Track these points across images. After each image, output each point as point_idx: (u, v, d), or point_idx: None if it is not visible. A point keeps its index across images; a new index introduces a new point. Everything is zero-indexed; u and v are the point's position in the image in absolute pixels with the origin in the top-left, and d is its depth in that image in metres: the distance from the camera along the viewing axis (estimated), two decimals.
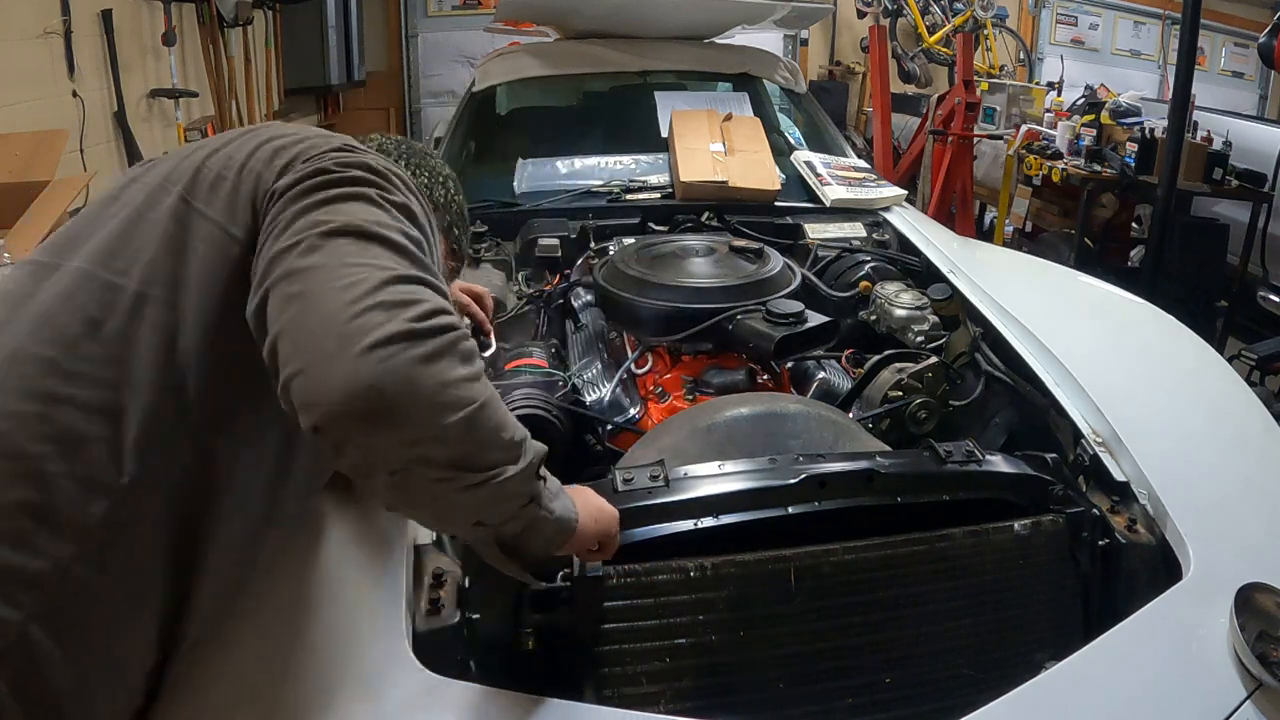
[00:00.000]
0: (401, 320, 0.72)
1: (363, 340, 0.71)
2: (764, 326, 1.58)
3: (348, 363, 0.70)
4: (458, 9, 6.84)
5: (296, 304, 0.74)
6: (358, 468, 0.75)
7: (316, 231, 0.79)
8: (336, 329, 0.72)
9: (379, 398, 0.70)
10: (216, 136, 0.98)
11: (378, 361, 0.70)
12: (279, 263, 0.78)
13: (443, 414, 0.73)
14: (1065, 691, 1.03)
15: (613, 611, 1.08)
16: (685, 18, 3.16)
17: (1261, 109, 8.05)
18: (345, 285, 0.74)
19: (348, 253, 0.77)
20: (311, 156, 0.88)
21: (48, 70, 3.33)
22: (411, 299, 0.75)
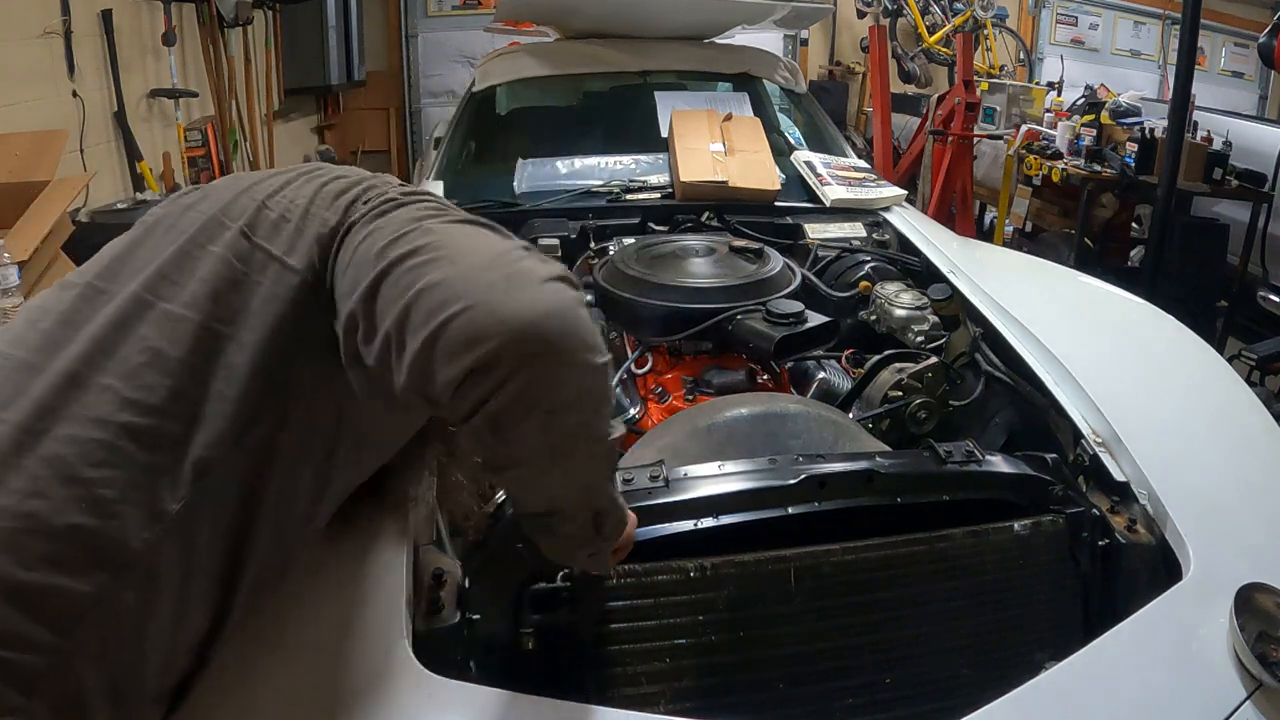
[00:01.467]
0: (557, 267, 0.77)
1: (535, 275, 0.75)
2: (764, 326, 1.58)
3: (527, 290, 0.73)
4: (458, 9, 6.83)
5: (437, 265, 0.75)
6: (514, 407, 0.73)
7: (422, 221, 0.81)
8: (502, 269, 0.75)
9: (559, 325, 0.72)
10: (271, 173, 0.97)
11: (553, 293, 0.74)
12: (388, 251, 0.79)
13: (597, 354, 0.76)
14: (1065, 691, 1.03)
15: (613, 611, 1.08)
16: (685, 18, 3.16)
17: (1261, 109, 8.05)
18: (486, 243, 0.78)
19: (464, 230, 0.81)
20: (376, 192, 0.90)
21: (48, 70, 3.33)
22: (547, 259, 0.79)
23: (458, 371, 0.71)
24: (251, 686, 0.93)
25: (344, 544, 1.07)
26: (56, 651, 0.70)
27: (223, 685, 0.92)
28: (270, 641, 0.97)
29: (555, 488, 0.83)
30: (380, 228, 0.83)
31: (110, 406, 0.77)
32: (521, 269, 0.75)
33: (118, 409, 0.77)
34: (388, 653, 0.96)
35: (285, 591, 1.00)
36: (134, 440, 0.77)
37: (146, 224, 0.93)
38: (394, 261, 0.77)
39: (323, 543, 1.06)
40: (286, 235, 0.88)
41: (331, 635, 0.98)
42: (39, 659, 0.69)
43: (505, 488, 0.90)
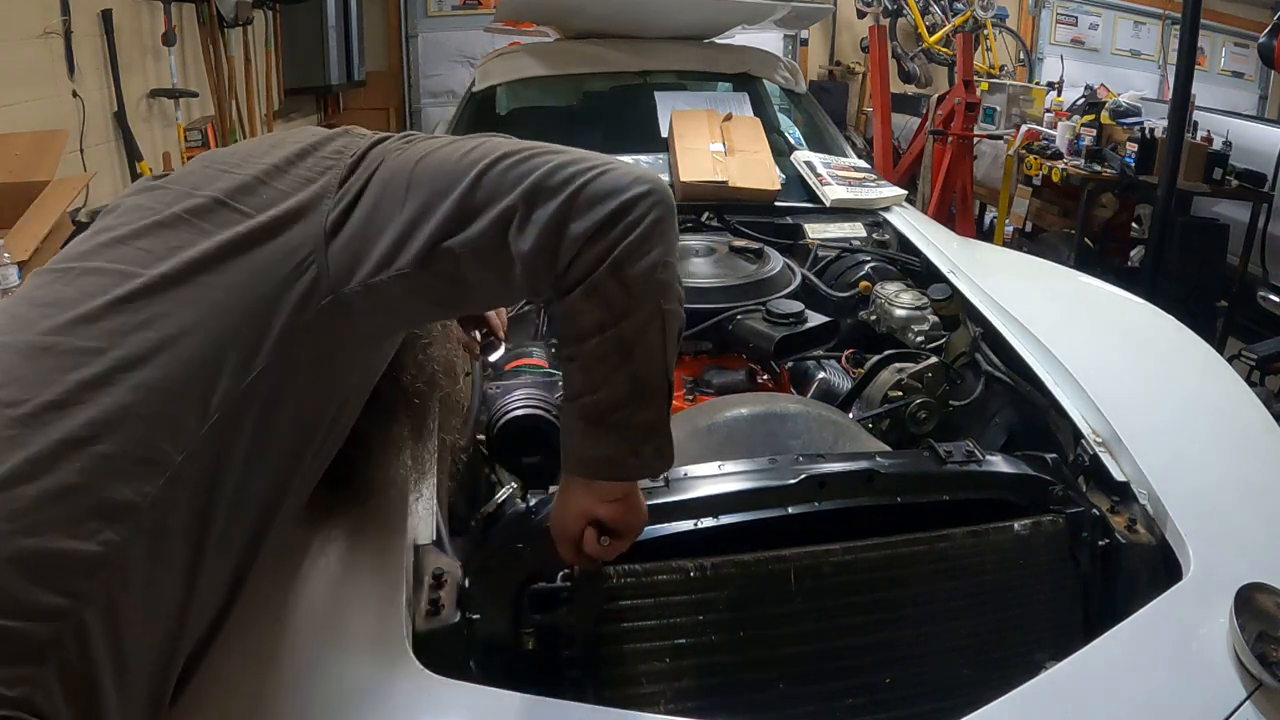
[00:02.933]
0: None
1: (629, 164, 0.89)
2: (764, 326, 1.58)
3: (635, 170, 0.88)
4: (458, 9, 6.83)
5: (548, 156, 0.87)
6: (642, 245, 0.85)
7: (474, 137, 0.91)
8: (603, 157, 0.90)
9: (667, 190, 0.89)
10: (233, 150, 0.98)
11: (656, 174, 0.90)
12: (474, 155, 0.88)
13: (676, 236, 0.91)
14: (1065, 691, 1.03)
15: (613, 611, 1.08)
16: (685, 18, 3.16)
17: (1261, 109, 8.05)
18: (561, 148, 0.91)
19: (522, 141, 0.93)
20: (369, 139, 0.94)
21: (48, 70, 3.33)
22: None
23: (601, 215, 0.83)
24: (252, 686, 0.93)
25: (343, 544, 1.07)
26: (64, 616, 0.69)
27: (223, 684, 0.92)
28: (270, 641, 0.97)
29: (650, 358, 0.89)
30: (437, 148, 0.90)
31: (96, 366, 0.76)
32: (616, 160, 0.90)
33: (105, 367, 0.76)
34: (388, 653, 0.96)
35: (285, 591, 1.00)
36: (125, 394, 0.76)
37: (113, 209, 0.92)
38: (493, 161, 0.87)
39: (322, 543, 1.06)
40: (262, 194, 0.89)
41: (331, 635, 0.98)
42: (48, 626, 0.68)
43: (592, 366, 0.91)
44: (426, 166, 0.88)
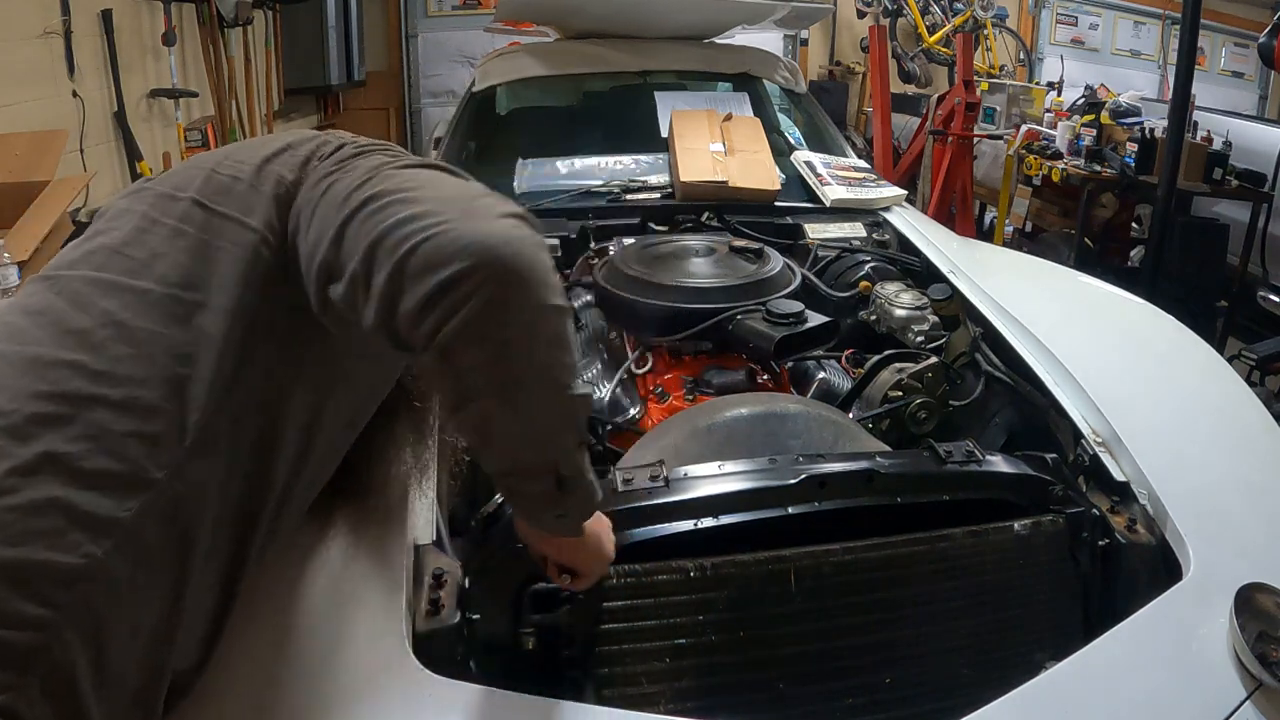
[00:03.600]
0: (516, 207, 0.81)
1: (495, 209, 0.79)
2: (764, 326, 1.58)
3: (485, 222, 0.77)
4: (458, 9, 6.83)
5: (401, 204, 0.79)
6: (467, 330, 0.74)
7: (381, 168, 0.84)
8: (461, 205, 0.79)
9: (514, 255, 0.75)
10: (220, 149, 0.99)
11: (511, 226, 0.78)
12: (352, 198, 0.81)
13: (551, 295, 0.78)
14: (1065, 691, 1.03)
15: (613, 611, 1.08)
16: (685, 18, 3.16)
17: (1261, 109, 8.05)
18: (446, 184, 0.83)
19: (424, 174, 0.84)
20: (330, 146, 0.91)
21: (48, 70, 3.33)
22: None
23: (422, 294, 0.74)
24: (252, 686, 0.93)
25: (343, 544, 1.07)
26: (46, 626, 0.70)
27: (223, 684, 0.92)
28: (270, 642, 0.97)
29: (511, 438, 0.81)
30: (340, 179, 0.85)
31: (79, 381, 0.77)
32: (483, 204, 0.80)
33: (88, 382, 0.77)
34: (388, 653, 0.96)
35: (285, 591, 1.00)
36: (108, 411, 0.76)
37: (104, 213, 0.94)
38: (357, 207, 0.81)
39: (322, 543, 1.06)
40: (240, 196, 0.89)
41: (331, 635, 0.98)
42: (31, 635, 0.68)
43: (464, 435, 0.88)
44: (323, 203, 0.85)
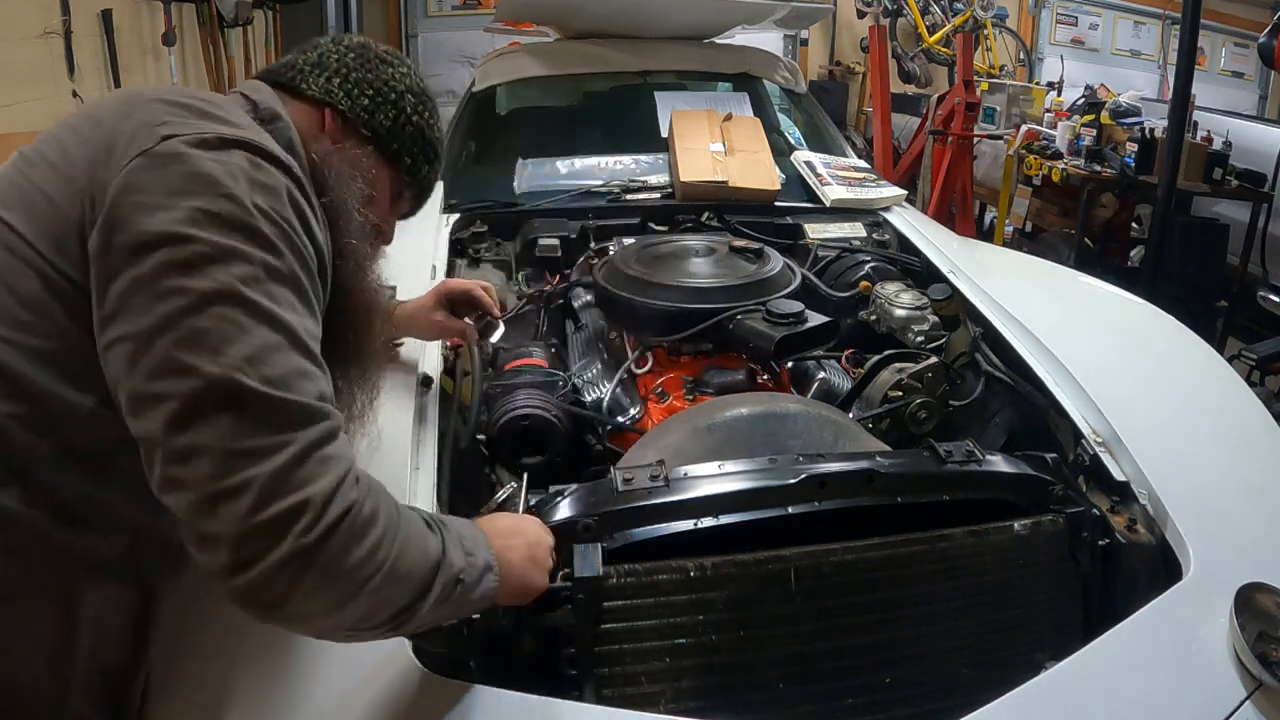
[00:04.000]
0: (291, 540, 0.72)
1: (259, 566, 0.72)
2: (764, 326, 1.58)
3: (253, 583, 0.72)
4: (458, 9, 6.84)
5: (179, 491, 0.74)
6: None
7: (182, 392, 0.74)
8: (228, 555, 0.72)
9: (286, 602, 0.74)
10: (54, 132, 0.92)
11: (285, 586, 0.73)
12: (146, 416, 0.76)
13: (355, 595, 0.77)
14: (1065, 691, 1.03)
15: (613, 611, 1.08)
16: (685, 18, 3.16)
17: (1261, 109, 8.05)
18: (227, 490, 0.72)
19: (221, 431, 0.74)
20: (162, 207, 0.80)
21: (48, 70, 3.33)
22: (295, 488, 0.74)
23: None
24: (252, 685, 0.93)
25: None
26: None
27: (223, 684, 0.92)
28: (270, 641, 0.97)
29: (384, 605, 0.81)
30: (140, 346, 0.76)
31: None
32: (249, 555, 0.72)
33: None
34: (388, 653, 0.96)
35: None
36: None
37: None
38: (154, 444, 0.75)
39: None
40: (42, 212, 0.85)
41: None
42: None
43: None
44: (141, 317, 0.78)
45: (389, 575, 0.79)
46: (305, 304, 0.85)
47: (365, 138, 1.08)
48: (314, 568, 0.73)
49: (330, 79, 1.07)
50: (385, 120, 1.09)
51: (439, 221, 2.25)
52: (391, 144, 1.10)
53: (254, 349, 0.77)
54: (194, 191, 0.81)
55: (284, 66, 1.09)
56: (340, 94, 1.07)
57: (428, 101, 1.14)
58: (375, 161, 1.09)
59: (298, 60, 1.09)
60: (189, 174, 0.81)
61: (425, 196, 1.19)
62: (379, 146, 1.09)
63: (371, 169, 1.07)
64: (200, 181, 0.81)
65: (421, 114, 1.12)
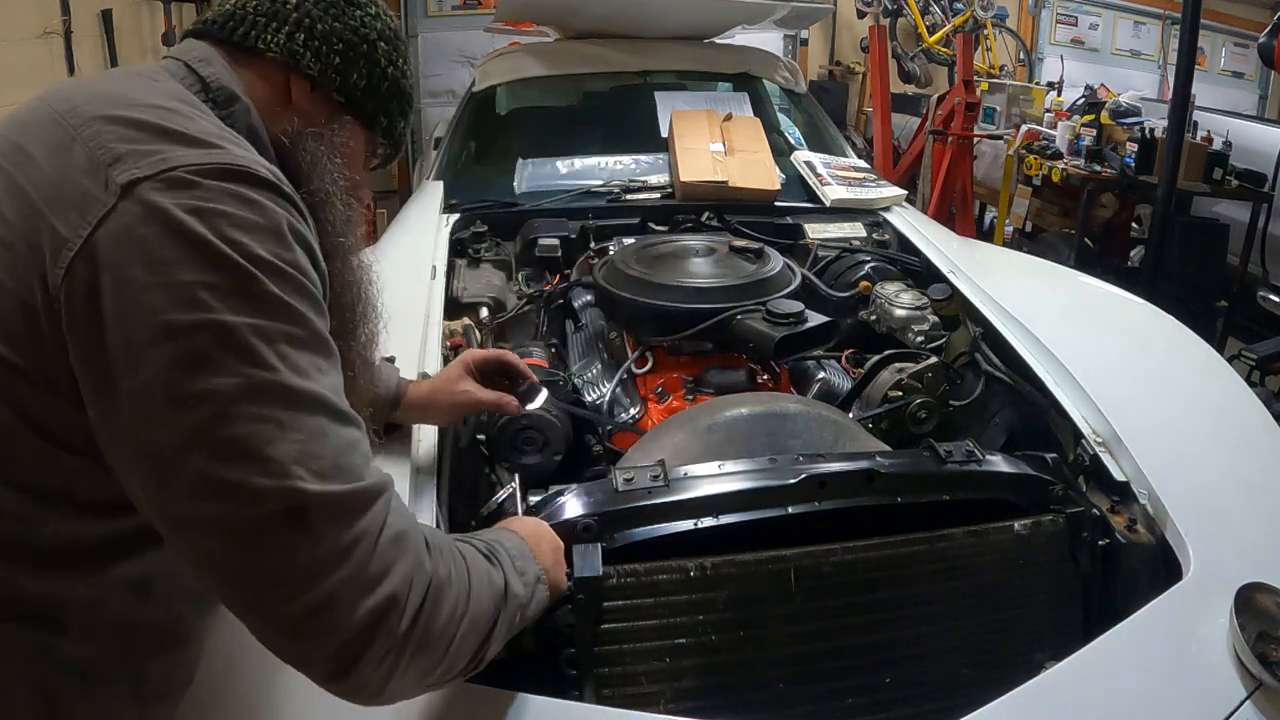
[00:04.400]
0: (385, 635, 0.69)
1: (359, 667, 0.69)
2: (764, 326, 1.58)
3: (354, 684, 0.70)
4: (458, 9, 6.83)
5: (257, 619, 0.69)
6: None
7: (234, 513, 0.66)
8: (327, 666, 0.69)
9: (386, 689, 0.72)
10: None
11: (385, 676, 0.71)
12: (195, 541, 0.69)
13: (443, 658, 0.76)
14: (1065, 691, 1.03)
15: (613, 611, 1.08)
16: (685, 18, 3.16)
17: (1261, 109, 8.05)
18: (311, 609, 0.67)
19: (289, 549, 0.67)
20: (146, 288, 0.67)
21: (48, 70, 3.33)
22: (377, 581, 0.69)
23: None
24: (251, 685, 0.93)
25: None
26: None
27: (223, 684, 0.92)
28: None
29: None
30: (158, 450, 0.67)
31: None
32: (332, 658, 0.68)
33: None
34: None
35: None
36: None
37: None
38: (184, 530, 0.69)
39: None
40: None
41: None
42: None
43: None
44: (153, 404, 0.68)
45: (469, 627, 0.77)
46: (328, 359, 0.74)
47: (338, 104, 0.92)
48: (408, 650, 0.71)
49: (293, 34, 0.88)
50: (359, 80, 0.92)
51: (439, 221, 2.25)
52: (367, 105, 0.94)
53: (299, 445, 0.67)
54: (180, 261, 0.67)
55: (228, 18, 0.89)
56: (307, 54, 0.89)
57: (400, 46, 0.97)
58: (350, 130, 0.94)
59: (245, 7, 0.89)
60: (168, 236, 0.67)
61: (398, 152, 1.04)
62: (353, 111, 0.93)
63: (348, 140, 0.93)
64: (184, 246, 0.67)
65: (396, 63, 0.96)
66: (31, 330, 0.69)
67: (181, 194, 0.69)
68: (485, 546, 0.86)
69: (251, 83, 0.87)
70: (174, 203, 0.68)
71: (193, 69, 0.85)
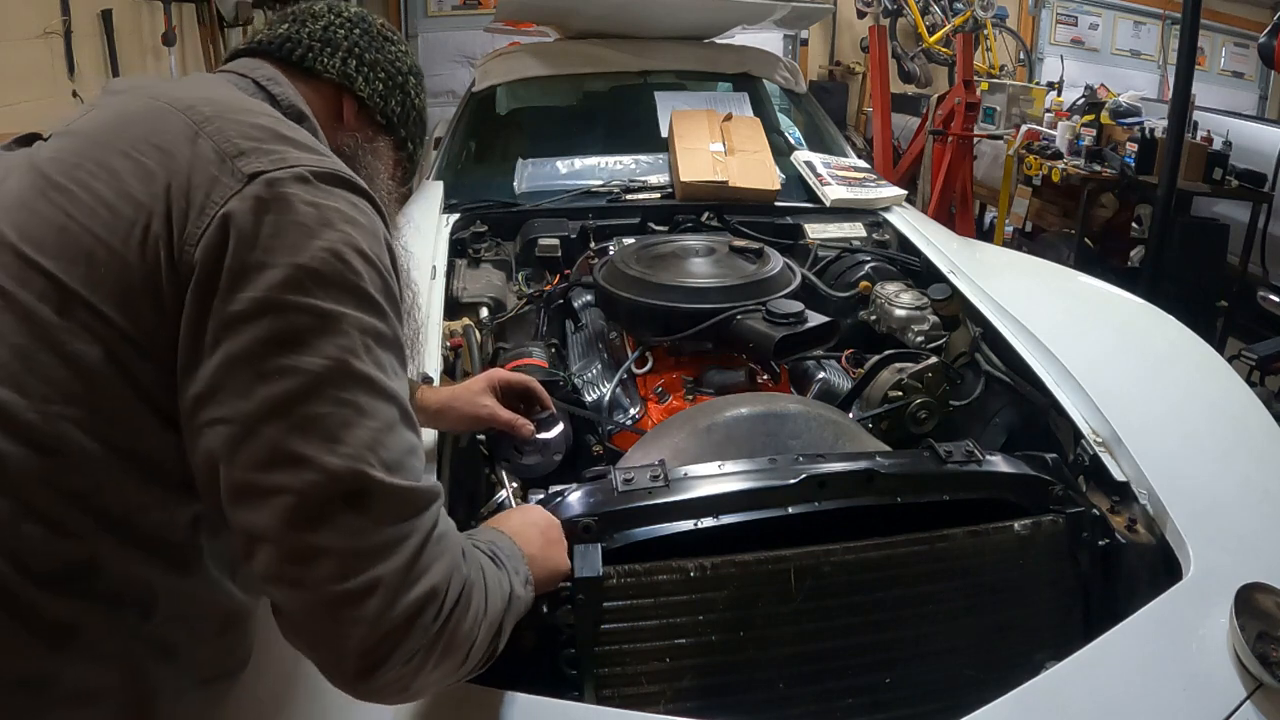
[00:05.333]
0: (419, 633, 0.70)
1: (388, 664, 0.70)
2: (764, 326, 1.58)
3: (380, 683, 0.71)
4: (458, 9, 6.84)
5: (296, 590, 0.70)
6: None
7: (300, 487, 0.68)
8: (355, 661, 0.69)
9: (410, 687, 0.73)
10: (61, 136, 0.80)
11: (410, 675, 0.72)
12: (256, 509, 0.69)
13: (464, 660, 0.77)
14: (1065, 691, 1.03)
15: (613, 611, 1.08)
16: (685, 18, 3.16)
17: (1261, 109, 8.05)
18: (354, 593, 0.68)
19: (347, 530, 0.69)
20: (259, 266, 0.71)
21: (48, 70, 3.33)
22: (419, 578, 0.71)
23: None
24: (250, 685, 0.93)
25: None
26: None
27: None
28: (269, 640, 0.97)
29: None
30: (244, 426, 0.69)
31: None
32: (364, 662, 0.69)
33: None
34: None
35: None
36: None
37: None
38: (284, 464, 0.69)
39: None
40: (98, 266, 0.72)
41: None
42: None
43: None
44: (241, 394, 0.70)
45: (488, 630, 0.79)
46: (403, 364, 0.79)
47: (380, 125, 1.03)
48: (437, 649, 0.72)
49: (346, 60, 0.99)
50: (396, 106, 1.04)
51: (439, 221, 2.25)
52: (400, 130, 1.05)
53: (373, 433, 0.71)
54: (294, 246, 0.72)
55: (287, 40, 0.98)
56: (359, 78, 1.00)
57: (422, 79, 1.10)
58: (389, 148, 1.05)
59: (301, 33, 0.99)
60: (288, 224, 0.73)
61: (415, 174, 1.16)
62: (391, 133, 1.04)
63: (389, 157, 1.04)
64: (300, 233, 0.73)
65: (421, 95, 1.08)
66: (155, 305, 0.72)
67: (301, 188, 0.75)
68: (488, 549, 0.87)
69: (310, 100, 0.96)
70: (293, 194, 0.74)
71: (262, 86, 0.92)
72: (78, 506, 0.71)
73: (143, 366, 0.73)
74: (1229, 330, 4.20)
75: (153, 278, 0.72)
